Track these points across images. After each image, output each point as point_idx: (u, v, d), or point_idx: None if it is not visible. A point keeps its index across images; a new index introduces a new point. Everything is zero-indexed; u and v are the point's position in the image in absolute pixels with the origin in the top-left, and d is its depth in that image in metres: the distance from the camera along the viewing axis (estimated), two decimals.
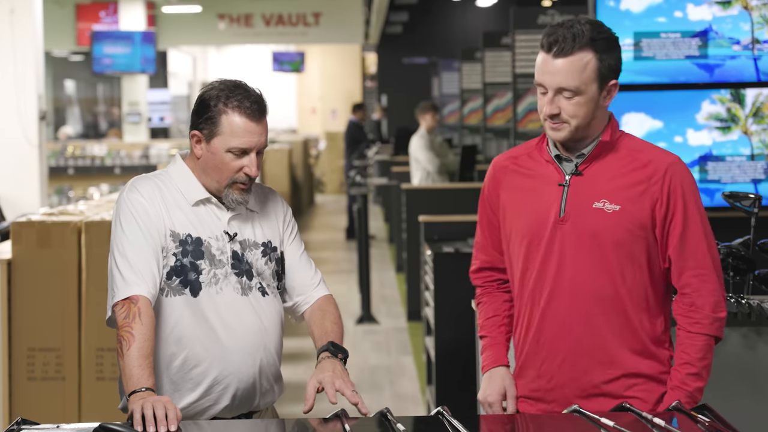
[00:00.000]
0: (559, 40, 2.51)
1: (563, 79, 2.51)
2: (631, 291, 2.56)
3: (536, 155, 2.66)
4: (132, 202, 2.67)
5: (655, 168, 2.55)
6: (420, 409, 6.09)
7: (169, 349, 2.66)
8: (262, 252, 2.74)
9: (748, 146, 4.64)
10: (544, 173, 2.62)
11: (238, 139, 2.64)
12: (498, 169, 2.72)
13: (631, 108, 4.67)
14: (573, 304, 2.57)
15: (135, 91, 15.18)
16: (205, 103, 2.68)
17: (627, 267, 2.55)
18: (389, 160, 13.55)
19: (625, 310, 2.56)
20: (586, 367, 2.58)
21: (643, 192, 2.54)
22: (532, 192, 2.63)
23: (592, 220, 2.54)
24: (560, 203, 2.57)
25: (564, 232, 2.56)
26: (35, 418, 2.50)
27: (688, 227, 2.55)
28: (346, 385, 2.53)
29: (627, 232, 2.53)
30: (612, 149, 2.58)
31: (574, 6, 8.41)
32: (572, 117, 2.53)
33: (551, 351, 2.61)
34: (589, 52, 2.50)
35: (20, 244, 4.59)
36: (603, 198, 2.55)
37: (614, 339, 2.56)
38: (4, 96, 8.32)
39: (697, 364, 2.54)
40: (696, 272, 2.56)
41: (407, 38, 19.72)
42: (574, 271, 2.56)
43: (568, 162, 2.60)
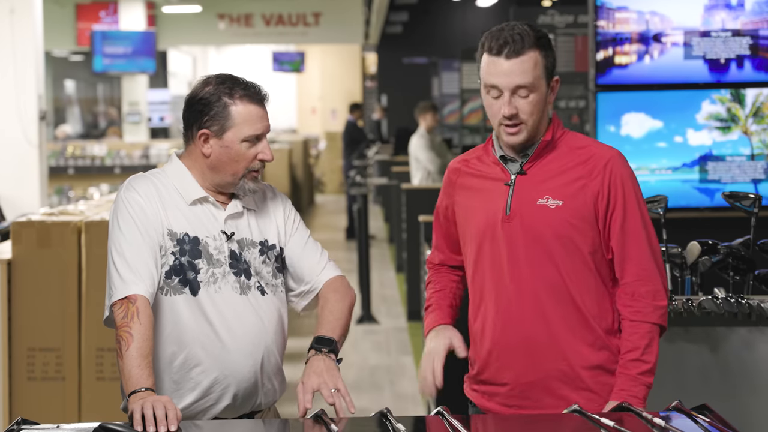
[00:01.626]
0: (509, 42, 2.58)
1: (519, 77, 2.58)
2: (580, 284, 2.62)
3: (484, 158, 2.74)
4: (129, 201, 2.67)
5: (596, 162, 2.63)
6: (420, 409, 6.09)
7: (169, 349, 2.65)
8: (260, 251, 2.74)
9: (748, 146, 4.64)
10: (491, 174, 2.71)
11: (252, 127, 2.68)
12: (452, 171, 2.82)
13: (631, 108, 4.67)
14: (524, 300, 2.63)
15: (135, 91, 15.18)
16: (206, 100, 2.68)
17: (574, 260, 2.61)
18: (389, 160, 13.55)
19: (575, 303, 2.62)
20: (540, 360, 2.63)
21: (584, 186, 2.61)
22: (481, 192, 2.71)
23: (537, 216, 2.62)
24: (506, 202, 2.65)
25: (511, 230, 2.64)
26: (35, 418, 2.49)
27: (628, 218, 2.62)
28: (325, 384, 2.54)
29: (570, 227, 2.60)
30: (554, 148, 2.66)
31: (574, 6, 8.42)
32: (529, 116, 2.61)
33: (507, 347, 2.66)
34: (536, 50, 2.59)
35: (20, 244, 4.59)
36: (546, 194, 2.62)
37: (567, 332, 2.62)
38: (4, 96, 8.32)
39: (640, 350, 2.59)
40: (636, 262, 2.62)
41: (407, 38, 19.71)
42: (523, 268, 2.63)
43: (513, 162, 2.68)
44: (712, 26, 4.62)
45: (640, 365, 2.58)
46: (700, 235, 3.68)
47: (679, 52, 4.66)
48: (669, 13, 4.65)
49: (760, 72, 4.62)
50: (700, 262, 3.61)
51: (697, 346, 3.50)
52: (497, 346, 2.67)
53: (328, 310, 2.77)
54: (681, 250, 3.64)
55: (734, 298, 3.48)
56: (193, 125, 2.71)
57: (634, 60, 4.67)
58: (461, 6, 18.35)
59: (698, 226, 4.54)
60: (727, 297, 3.49)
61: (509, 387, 2.67)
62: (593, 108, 4.73)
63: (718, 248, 3.60)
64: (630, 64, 4.67)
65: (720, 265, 3.60)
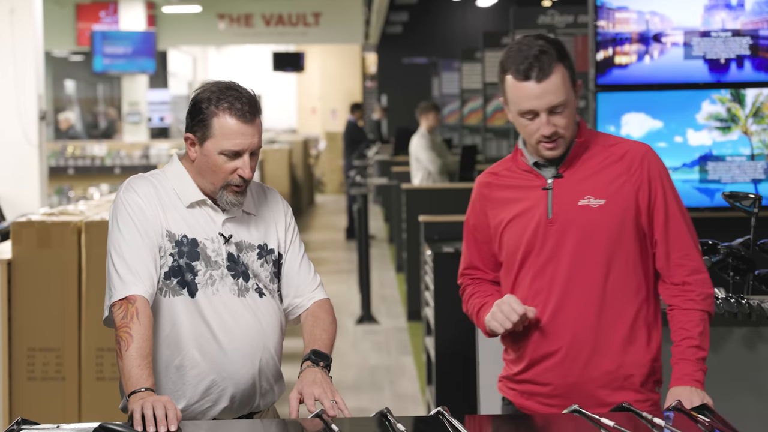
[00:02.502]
0: (534, 66, 2.57)
1: (554, 97, 2.58)
2: (627, 281, 2.62)
3: (514, 168, 2.73)
4: (128, 201, 2.67)
5: (632, 158, 2.64)
6: (420, 409, 6.09)
7: (167, 351, 2.65)
8: (258, 254, 2.73)
9: (748, 146, 4.63)
10: (525, 183, 2.70)
11: (229, 142, 2.63)
12: (482, 186, 2.79)
13: (631, 108, 4.67)
14: (570, 301, 2.62)
15: (135, 91, 15.18)
16: (197, 105, 2.66)
17: (620, 258, 2.61)
18: (389, 160, 13.54)
19: (622, 301, 2.62)
20: (584, 361, 2.62)
21: (624, 183, 2.62)
22: (517, 202, 2.69)
23: (580, 216, 2.61)
24: (546, 206, 2.64)
25: (554, 234, 2.63)
26: (35, 418, 2.49)
27: (669, 210, 2.64)
28: (325, 394, 2.52)
29: (616, 224, 2.61)
30: (587, 147, 2.66)
31: (574, 6, 8.41)
32: (566, 129, 2.62)
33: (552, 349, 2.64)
34: (559, 64, 2.59)
35: (20, 244, 4.59)
36: (587, 194, 2.62)
37: (612, 332, 2.62)
38: (4, 96, 8.32)
39: (697, 337, 2.60)
40: (681, 253, 2.64)
41: (407, 38, 19.71)
42: (569, 269, 2.62)
43: (547, 168, 2.67)
44: (712, 26, 4.62)
45: (698, 351, 2.60)
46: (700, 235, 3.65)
47: (679, 52, 4.65)
48: (669, 13, 4.65)
49: (760, 72, 4.62)
50: None
51: None
52: (542, 348, 2.66)
53: (321, 328, 2.75)
54: None
55: (734, 298, 3.48)
56: (186, 126, 2.71)
57: (634, 60, 4.67)
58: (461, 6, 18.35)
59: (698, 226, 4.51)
60: (727, 297, 3.49)
61: (552, 387, 2.66)
62: (593, 108, 4.73)
63: (718, 248, 3.60)
64: (630, 64, 4.67)
65: (720, 265, 3.60)
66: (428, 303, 5.99)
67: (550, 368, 2.65)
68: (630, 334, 2.63)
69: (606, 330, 2.62)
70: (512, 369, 2.75)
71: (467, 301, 2.86)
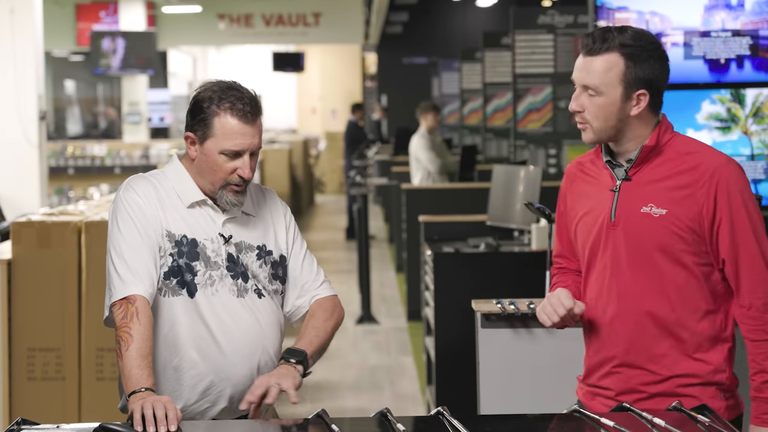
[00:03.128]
0: (591, 40, 2.56)
1: (586, 76, 2.56)
2: (682, 294, 2.57)
3: (597, 161, 2.70)
4: (128, 201, 2.67)
5: (703, 170, 2.54)
6: (420, 409, 6.09)
7: (165, 351, 2.65)
8: (257, 255, 2.73)
9: (748, 146, 4.64)
10: (601, 179, 2.67)
11: (230, 142, 2.63)
12: (568, 175, 2.78)
13: None
14: (625, 310, 2.60)
15: (135, 91, 15.18)
16: (199, 104, 2.66)
17: (678, 271, 2.56)
18: (389, 160, 13.54)
19: (676, 312, 2.57)
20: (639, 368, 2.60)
21: (689, 195, 2.54)
22: (591, 197, 2.67)
23: (640, 224, 2.57)
24: (611, 208, 2.61)
25: (615, 237, 2.60)
26: (35, 418, 2.49)
27: (736, 229, 2.53)
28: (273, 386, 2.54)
29: (673, 236, 2.54)
30: (660, 153, 2.60)
31: (574, 6, 8.41)
32: (593, 118, 2.58)
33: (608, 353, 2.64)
34: (617, 55, 2.54)
35: (20, 244, 4.59)
36: (650, 202, 2.56)
37: (664, 341, 2.58)
38: (4, 96, 8.32)
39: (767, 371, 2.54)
40: (748, 274, 2.55)
41: (407, 38, 19.72)
42: (625, 277, 2.59)
43: (619, 167, 2.63)
44: (712, 26, 4.62)
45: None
46: None
47: (679, 52, 4.65)
48: (669, 13, 4.65)
49: (760, 72, 4.62)
50: None
51: None
52: (601, 353, 2.65)
53: (312, 326, 2.76)
54: None
55: None
56: (186, 125, 2.71)
57: None
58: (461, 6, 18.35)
59: None
60: None
61: (613, 392, 2.64)
62: None
63: None
64: None
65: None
66: (428, 303, 5.99)
67: (607, 374, 2.65)
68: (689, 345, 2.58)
69: (661, 339, 2.58)
70: (583, 372, 2.75)
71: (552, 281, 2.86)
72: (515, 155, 8.54)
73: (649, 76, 2.56)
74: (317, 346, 2.73)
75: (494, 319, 3.72)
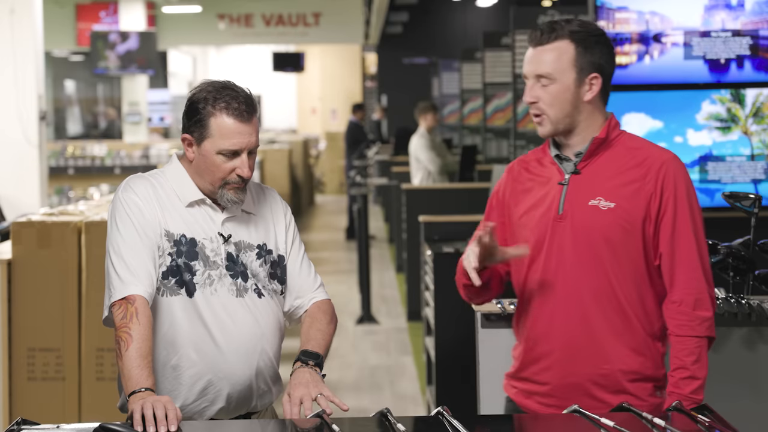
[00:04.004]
0: (539, 32, 2.60)
1: (538, 65, 2.60)
2: (627, 287, 2.60)
3: (542, 157, 2.72)
4: (127, 201, 2.67)
5: (650, 165, 2.58)
6: (420, 409, 6.09)
7: (163, 351, 2.65)
8: (257, 254, 2.73)
9: (748, 146, 4.64)
10: (548, 175, 2.68)
11: (227, 141, 2.63)
12: (510, 171, 2.78)
13: (631, 108, 4.67)
14: (569, 301, 2.61)
15: (135, 91, 15.18)
16: (194, 106, 2.66)
17: (624, 264, 2.59)
18: (389, 160, 13.54)
19: (621, 306, 2.60)
20: (581, 362, 2.61)
21: (638, 189, 2.58)
22: (536, 193, 2.68)
23: (588, 217, 2.59)
24: (559, 201, 2.62)
25: (562, 230, 2.61)
26: (35, 418, 2.49)
27: (678, 224, 2.58)
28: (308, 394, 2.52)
29: (621, 230, 2.57)
30: (609, 147, 2.63)
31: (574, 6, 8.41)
32: (548, 106, 2.60)
33: (550, 348, 2.64)
34: (567, 42, 2.59)
35: (20, 244, 4.59)
36: (599, 196, 2.59)
37: (609, 335, 2.60)
38: (4, 96, 8.32)
39: (689, 367, 2.56)
40: (684, 269, 2.59)
41: (407, 38, 19.71)
42: (570, 269, 2.61)
43: (568, 161, 2.65)
44: (712, 26, 4.62)
45: (691, 383, 2.55)
46: None
47: (679, 52, 4.65)
48: (669, 13, 4.65)
49: (760, 72, 4.62)
50: None
51: None
52: (540, 346, 2.65)
53: (317, 329, 2.76)
54: None
55: (734, 299, 3.48)
56: (183, 127, 2.71)
57: (634, 60, 4.67)
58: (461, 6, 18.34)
59: None
60: (727, 297, 3.48)
61: (549, 387, 2.65)
62: None
63: (718, 248, 3.60)
64: (630, 65, 4.67)
65: (720, 265, 3.60)
66: (428, 303, 5.99)
67: (546, 367, 2.65)
68: (632, 340, 2.60)
69: (605, 334, 2.60)
70: (515, 366, 2.75)
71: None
72: (515, 155, 8.54)
73: (599, 60, 2.61)
74: (326, 350, 2.74)
75: (494, 319, 3.72)
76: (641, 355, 2.61)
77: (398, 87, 19.98)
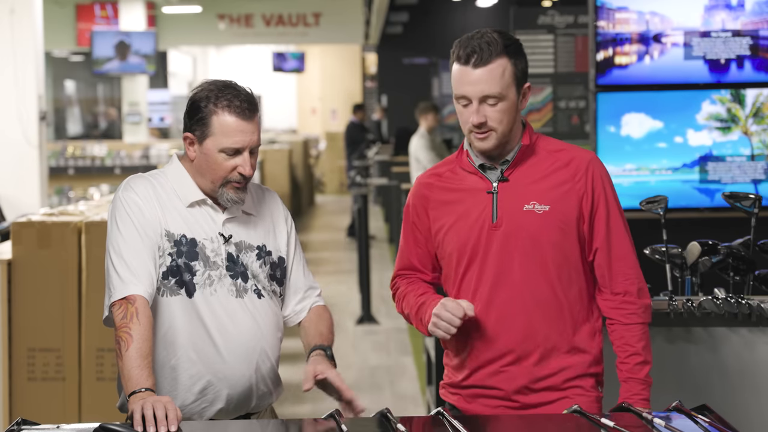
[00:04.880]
0: (476, 51, 2.56)
1: (486, 87, 2.57)
2: (568, 288, 2.63)
3: (458, 169, 2.71)
4: (127, 201, 2.67)
5: (577, 165, 2.63)
6: (420, 409, 6.09)
7: (163, 351, 2.65)
8: (257, 255, 2.73)
9: (749, 146, 4.64)
10: (469, 185, 2.68)
11: (229, 139, 2.63)
12: (423, 186, 2.75)
13: (631, 108, 4.67)
14: (512, 305, 2.62)
15: (135, 92, 15.18)
16: (196, 104, 2.67)
17: (562, 265, 2.62)
18: (389, 160, 13.55)
19: (562, 307, 2.63)
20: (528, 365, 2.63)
21: (568, 190, 2.62)
22: (460, 204, 2.67)
23: (525, 222, 2.61)
24: (491, 210, 2.63)
25: (499, 238, 2.62)
26: (35, 418, 2.50)
27: (611, 220, 2.65)
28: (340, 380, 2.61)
29: (559, 231, 2.61)
30: (532, 152, 2.66)
31: (574, 6, 8.41)
32: (498, 123, 2.59)
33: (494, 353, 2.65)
34: (504, 58, 2.58)
35: (20, 245, 4.59)
36: (532, 200, 2.62)
37: (553, 336, 2.63)
38: (4, 96, 8.32)
39: (642, 353, 2.63)
40: (622, 263, 2.65)
41: (407, 38, 19.71)
42: (513, 274, 2.62)
43: (492, 170, 2.66)
44: (712, 26, 4.62)
45: (644, 366, 2.62)
46: (701, 236, 3.68)
47: (679, 52, 4.66)
48: (669, 13, 4.66)
49: (760, 72, 4.62)
50: (701, 262, 3.61)
51: (697, 347, 3.50)
52: (488, 353, 2.65)
53: (326, 327, 2.81)
54: (681, 250, 3.64)
55: (734, 299, 3.48)
56: (184, 126, 2.71)
57: (634, 60, 4.67)
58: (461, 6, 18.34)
59: (698, 227, 4.54)
60: (727, 297, 3.48)
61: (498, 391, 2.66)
62: (593, 108, 4.73)
63: (718, 248, 3.60)
64: (630, 65, 4.67)
65: (720, 265, 3.60)
66: None
67: (495, 373, 2.65)
68: (575, 338, 2.64)
69: (551, 334, 2.63)
70: (457, 376, 2.73)
71: (401, 300, 2.81)
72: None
73: (526, 68, 2.64)
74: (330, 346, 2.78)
75: None
76: (581, 352, 2.65)
77: (398, 87, 19.97)
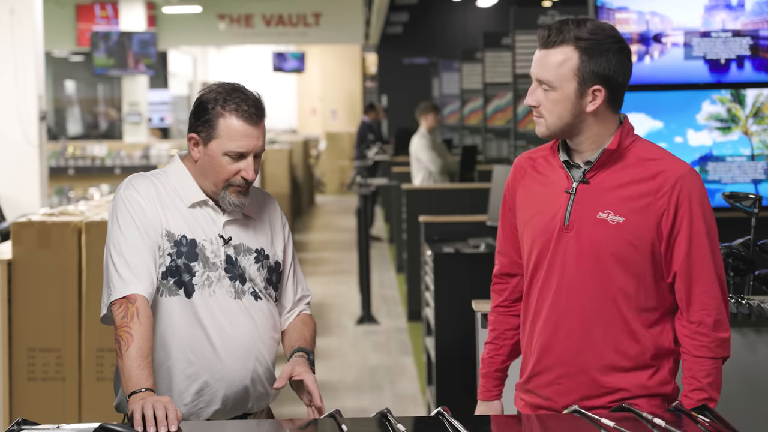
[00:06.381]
0: (547, 32, 2.48)
1: (539, 70, 2.49)
2: (632, 305, 2.50)
3: (551, 159, 2.60)
4: (129, 199, 2.66)
5: (664, 179, 2.46)
6: (420, 409, 6.09)
7: (161, 351, 2.65)
8: (255, 258, 2.73)
9: (749, 146, 4.64)
10: (555, 179, 2.57)
11: (234, 143, 2.63)
12: (517, 168, 2.67)
13: (631, 108, 4.67)
14: (571, 315, 2.52)
15: (135, 92, 15.18)
16: (203, 105, 2.66)
17: (628, 280, 2.48)
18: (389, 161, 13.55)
19: (625, 323, 2.50)
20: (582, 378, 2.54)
21: (649, 204, 2.46)
22: (542, 197, 2.57)
23: (595, 230, 2.48)
24: (565, 211, 2.52)
25: (567, 241, 2.51)
26: (35, 418, 2.49)
27: (694, 244, 2.46)
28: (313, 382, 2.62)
29: (629, 245, 2.46)
30: (621, 157, 2.50)
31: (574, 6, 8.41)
32: (548, 113, 2.49)
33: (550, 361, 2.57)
34: (570, 48, 2.46)
35: (20, 245, 4.59)
36: (608, 209, 2.48)
37: (611, 352, 2.51)
38: (4, 96, 8.31)
39: (707, 389, 2.49)
40: (702, 290, 2.48)
41: (407, 38, 19.71)
42: (574, 282, 2.51)
43: (577, 168, 2.54)
44: (713, 27, 4.62)
45: (707, 404, 2.46)
46: None
47: (679, 52, 4.66)
48: (669, 13, 4.65)
49: (761, 72, 4.62)
50: None
51: None
52: (543, 360, 2.57)
53: (309, 333, 2.83)
54: None
55: (734, 299, 3.48)
56: (190, 126, 2.71)
57: (634, 60, 4.66)
58: (461, 6, 18.34)
59: None
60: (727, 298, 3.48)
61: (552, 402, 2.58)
62: None
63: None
64: None
65: None
66: (428, 303, 5.99)
67: (548, 383, 2.58)
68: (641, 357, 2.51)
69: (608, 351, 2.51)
70: (521, 376, 2.67)
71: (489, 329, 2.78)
72: (515, 155, 8.54)
73: (605, 71, 2.46)
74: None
75: None
76: (644, 371, 2.52)
77: (398, 87, 19.98)
